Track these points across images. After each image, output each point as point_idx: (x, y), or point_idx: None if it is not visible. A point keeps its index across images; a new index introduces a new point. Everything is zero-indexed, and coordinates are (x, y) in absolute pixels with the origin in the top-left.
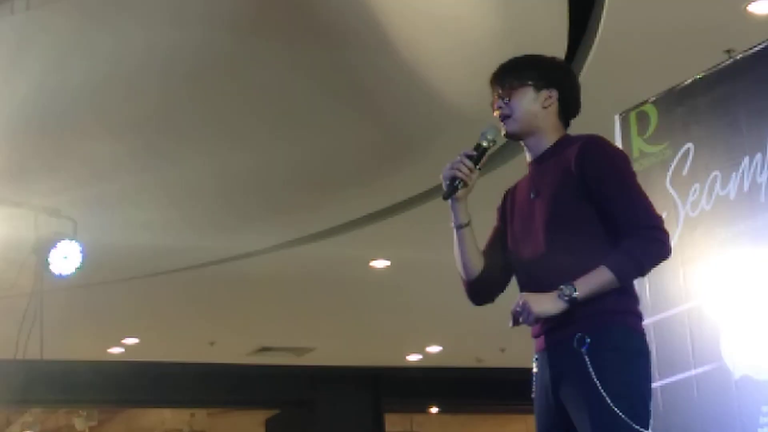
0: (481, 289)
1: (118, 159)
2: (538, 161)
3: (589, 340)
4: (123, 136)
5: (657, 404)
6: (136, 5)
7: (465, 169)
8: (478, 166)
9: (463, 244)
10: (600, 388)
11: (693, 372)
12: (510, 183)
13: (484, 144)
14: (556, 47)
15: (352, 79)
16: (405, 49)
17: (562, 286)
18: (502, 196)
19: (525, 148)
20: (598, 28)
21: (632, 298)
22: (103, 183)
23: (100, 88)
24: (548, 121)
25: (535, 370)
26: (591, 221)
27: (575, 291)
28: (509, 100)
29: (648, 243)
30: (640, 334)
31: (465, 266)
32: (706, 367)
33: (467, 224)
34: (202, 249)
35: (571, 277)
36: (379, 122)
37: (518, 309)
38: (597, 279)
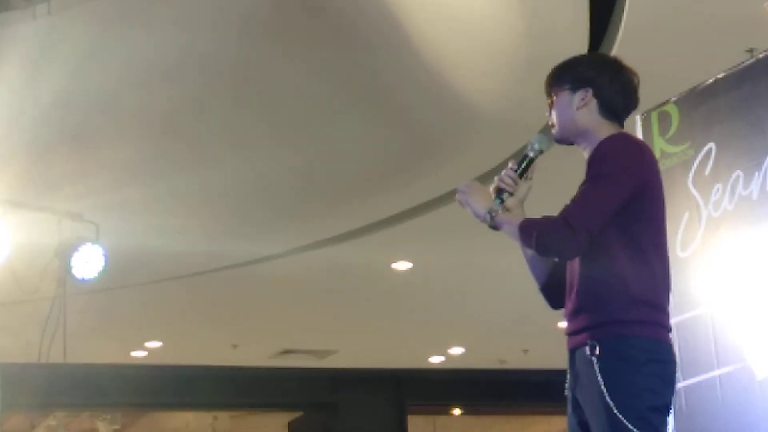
0: (554, 293)
1: (140, 164)
2: None
3: (599, 348)
4: (145, 141)
5: (680, 405)
6: (159, 12)
7: (509, 180)
8: (527, 176)
9: (525, 252)
10: (607, 397)
11: (716, 373)
12: None
13: (531, 155)
14: (577, 47)
15: (371, 81)
16: (425, 50)
17: (493, 205)
18: None
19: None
20: (618, 28)
21: (652, 308)
22: (126, 188)
23: (123, 94)
24: (590, 121)
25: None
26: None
27: (492, 217)
28: (552, 109)
29: (554, 227)
30: (655, 343)
31: (533, 274)
32: (729, 368)
33: None
34: (224, 252)
35: (590, 280)
36: (400, 124)
37: (463, 188)
38: (510, 222)
